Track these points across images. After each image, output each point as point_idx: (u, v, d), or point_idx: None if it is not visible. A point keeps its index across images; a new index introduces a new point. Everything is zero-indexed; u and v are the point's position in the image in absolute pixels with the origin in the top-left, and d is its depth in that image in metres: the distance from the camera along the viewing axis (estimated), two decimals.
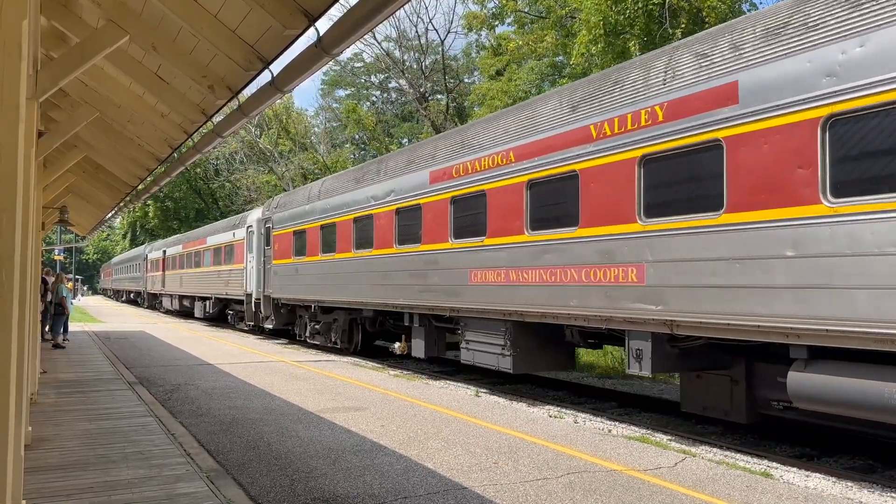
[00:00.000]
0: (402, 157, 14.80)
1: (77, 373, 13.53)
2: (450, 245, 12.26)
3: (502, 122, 11.44)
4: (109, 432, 8.12)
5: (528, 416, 9.65)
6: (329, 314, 18.11)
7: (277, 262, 20.77)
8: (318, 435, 8.35)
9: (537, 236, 10.12)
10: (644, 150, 8.35)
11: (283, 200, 21.92)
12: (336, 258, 16.84)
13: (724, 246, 7.38)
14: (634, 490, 6.24)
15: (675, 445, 8.19)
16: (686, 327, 7.88)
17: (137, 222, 68.93)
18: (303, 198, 19.90)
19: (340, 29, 4.32)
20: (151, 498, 5.66)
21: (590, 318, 9.17)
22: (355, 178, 16.65)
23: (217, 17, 5.25)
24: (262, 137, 47.82)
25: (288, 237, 20.20)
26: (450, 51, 45.24)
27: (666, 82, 8.24)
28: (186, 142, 8.90)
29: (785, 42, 6.97)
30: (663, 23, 18.73)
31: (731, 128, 7.36)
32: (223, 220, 32.30)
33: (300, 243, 19.28)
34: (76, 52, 5.86)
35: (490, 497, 6.00)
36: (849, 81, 6.35)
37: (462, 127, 14.12)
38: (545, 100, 10.78)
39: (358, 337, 17.10)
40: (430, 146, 13.80)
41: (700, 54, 7.93)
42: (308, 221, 18.83)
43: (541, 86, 28.33)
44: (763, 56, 7.15)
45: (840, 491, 6.50)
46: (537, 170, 10.13)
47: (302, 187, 23.36)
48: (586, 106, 9.43)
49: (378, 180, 15.12)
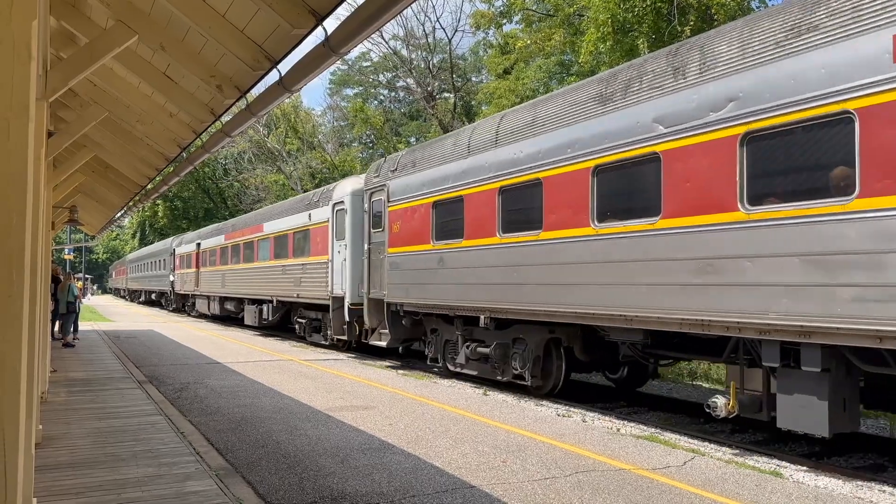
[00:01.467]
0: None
1: (87, 371, 13.60)
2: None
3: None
4: (119, 431, 8.16)
5: (537, 415, 9.64)
6: (504, 330, 11.72)
7: (398, 249, 14.21)
8: (326, 433, 8.37)
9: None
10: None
11: (408, 158, 14.50)
12: (542, 240, 10.26)
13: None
14: (643, 489, 6.23)
15: (683, 444, 8.17)
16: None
17: (146, 222, 69.22)
18: (455, 149, 12.85)
19: (348, 28, 4.32)
20: (161, 496, 5.68)
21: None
22: (597, 96, 9.55)
23: (225, 17, 5.27)
24: (270, 137, 47.92)
25: (421, 212, 13.51)
26: (457, 49, 45.18)
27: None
28: (195, 141, 8.93)
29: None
30: (672, 20, 18.66)
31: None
32: (289, 200, 24.92)
33: (449, 219, 12.67)
34: (85, 53, 5.89)
35: (498, 496, 6.00)
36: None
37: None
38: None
39: (559, 369, 11.05)
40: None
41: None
42: (470, 184, 12.02)
43: (548, 84, 28.29)
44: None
45: (850, 490, 6.47)
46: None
47: (444, 136, 15.20)
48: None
49: (681, 84, 8.26)
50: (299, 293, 19.80)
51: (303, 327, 20.83)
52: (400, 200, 14.28)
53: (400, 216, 14.24)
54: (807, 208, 6.81)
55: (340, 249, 17.13)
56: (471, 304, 11.93)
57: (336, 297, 17.15)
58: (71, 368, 13.96)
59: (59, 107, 9.57)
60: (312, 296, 18.87)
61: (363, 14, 4.08)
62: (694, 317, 7.90)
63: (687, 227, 8.00)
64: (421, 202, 13.57)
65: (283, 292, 21.32)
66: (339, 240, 17.29)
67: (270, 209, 25.65)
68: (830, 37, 6.72)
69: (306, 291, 19.31)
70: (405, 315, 14.26)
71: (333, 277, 17.37)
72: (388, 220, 14.65)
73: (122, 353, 17.41)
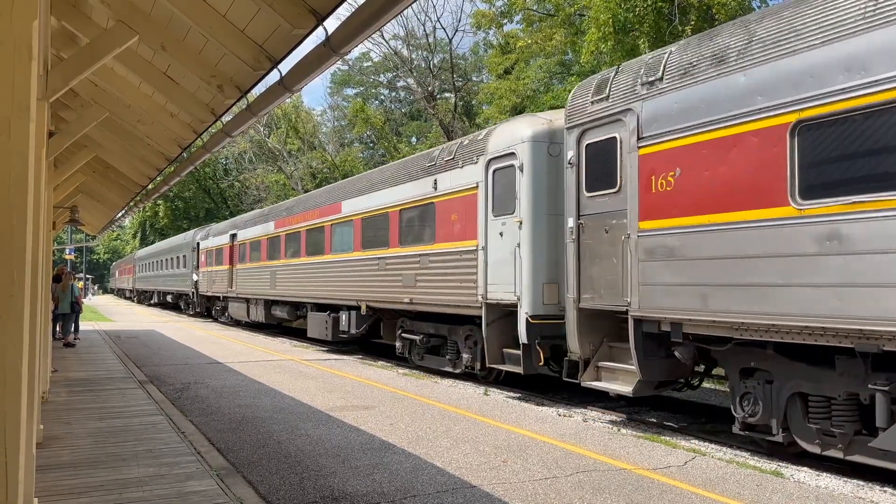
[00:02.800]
0: None
1: (88, 371, 13.60)
2: None
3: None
4: (120, 431, 8.17)
5: (537, 415, 9.63)
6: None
7: (671, 223, 8.13)
8: (327, 433, 8.37)
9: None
10: None
11: (694, 53, 8.21)
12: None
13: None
14: (644, 489, 6.22)
15: (684, 444, 8.17)
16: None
17: (147, 222, 69.29)
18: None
19: (348, 28, 4.32)
20: (162, 496, 5.68)
21: None
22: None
23: (226, 17, 5.27)
24: (270, 137, 47.97)
25: (750, 147, 7.28)
26: (458, 49, 45.27)
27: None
28: (196, 141, 8.94)
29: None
30: (673, 20, 18.67)
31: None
32: (387, 166, 17.82)
33: (850, 153, 6.44)
34: (86, 53, 5.89)
35: (499, 495, 6.00)
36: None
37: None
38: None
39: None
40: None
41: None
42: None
43: (549, 84, 28.31)
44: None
45: (851, 490, 6.46)
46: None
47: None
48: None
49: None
50: (413, 297, 13.66)
51: (409, 346, 14.82)
52: (674, 133, 8.07)
53: (676, 161, 8.06)
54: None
55: (506, 230, 11.08)
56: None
57: (495, 304, 11.28)
58: (72, 368, 13.96)
59: (59, 107, 9.57)
60: (439, 300, 12.81)
61: (364, 14, 4.08)
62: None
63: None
64: (750, 126, 7.26)
65: (379, 295, 15.11)
66: (503, 214, 11.20)
67: (355, 181, 18.64)
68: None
69: (427, 294, 13.26)
70: (678, 342, 8.16)
71: (489, 273, 11.42)
72: (635, 173, 8.58)
73: (123, 353, 17.42)
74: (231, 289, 27.14)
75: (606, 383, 9.22)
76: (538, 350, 10.45)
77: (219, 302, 30.37)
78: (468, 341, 12.57)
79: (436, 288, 12.95)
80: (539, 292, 10.57)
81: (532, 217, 10.74)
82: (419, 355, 14.39)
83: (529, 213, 10.75)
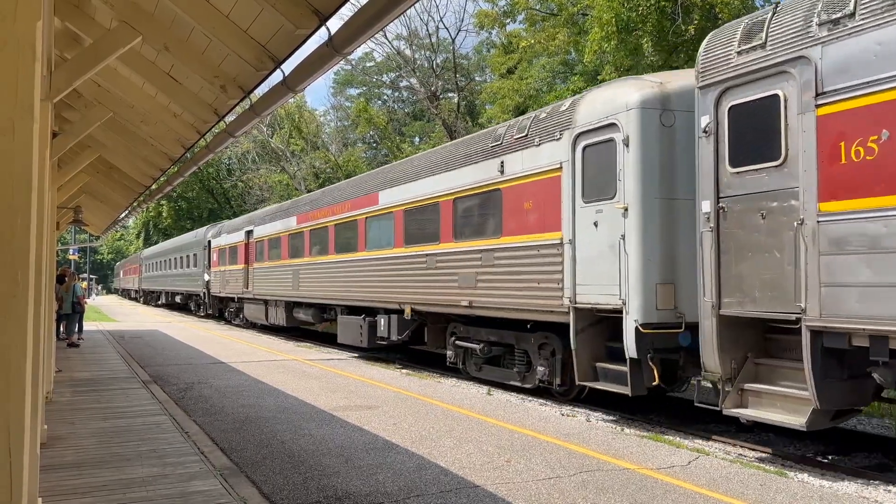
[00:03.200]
0: None
1: (92, 371, 13.63)
2: None
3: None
4: (124, 431, 8.18)
5: (540, 415, 9.63)
6: None
7: (858, 205, 6.41)
8: (330, 433, 8.37)
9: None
10: None
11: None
12: None
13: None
14: (647, 489, 6.22)
15: (688, 444, 8.16)
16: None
17: (151, 222, 69.42)
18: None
19: (351, 28, 4.32)
20: (166, 496, 5.69)
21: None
22: None
23: (229, 17, 5.28)
24: (274, 137, 48.02)
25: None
26: (461, 49, 45.28)
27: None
28: (199, 142, 8.95)
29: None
30: (676, 19, 18.65)
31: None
32: (439, 149, 15.46)
33: None
34: (89, 53, 5.90)
35: (502, 495, 6.00)
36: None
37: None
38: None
39: None
40: None
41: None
42: None
43: (552, 83, 28.30)
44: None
45: (855, 490, 6.45)
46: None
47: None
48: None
49: None
50: (473, 299, 11.76)
51: (465, 355, 12.87)
52: (876, 85, 6.32)
53: (880, 122, 6.29)
54: None
55: (602, 218, 9.25)
56: None
57: (587, 309, 9.48)
58: (76, 368, 13.99)
59: (63, 107, 9.59)
60: (508, 304, 10.94)
61: (366, 14, 4.08)
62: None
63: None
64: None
65: (428, 297, 13.25)
66: (597, 200, 9.35)
67: (394, 168, 16.34)
68: None
69: (491, 296, 11.33)
70: (882, 361, 6.46)
71: (578, 272, 9.58)
72: (812, 140, 6.80)
73: (126, 353, 17.45)
74: (247, 289, 25.38)
75: (760, 411, 7.34)
76: (650, 366, 8.55)
77: (233, 303, 28.59)
78: (542, 351, 10.76)
79: (504, 289, 11.05)
80: (651, 295, 8.64)
81: (642, 202, 8.75)
82: (476, 366, 12.51)
83: (638, 198, 8.75)
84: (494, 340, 11.96)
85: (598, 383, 9.45)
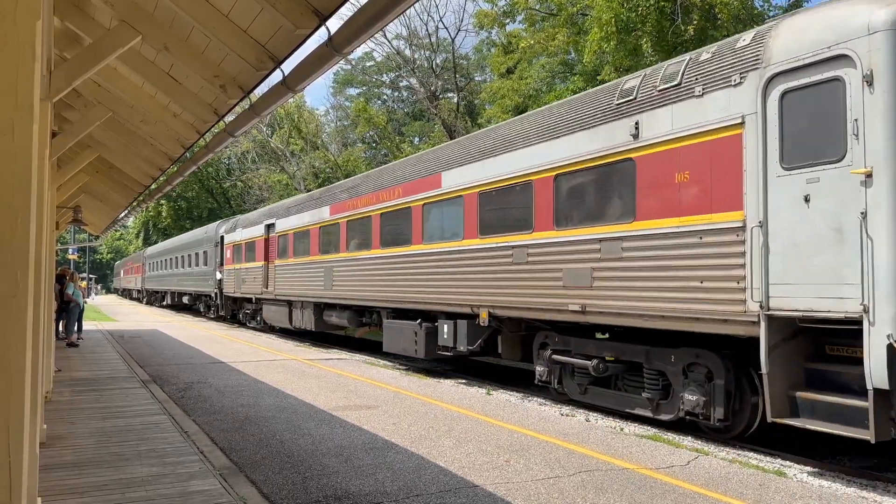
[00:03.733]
0: None
1: (91, 371, 13.63)
2: None
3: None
4: (123, 430, 8.18)
5: (540, 415, 9.63)
6: None
7: None
8: (329, 433, 8.37)
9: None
10: None
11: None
12: None
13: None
14: (647, 488, 6.22)
15: (687, 444, 8.16)
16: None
17: (150, 221, 69.47)
18: None
19: (351, 28, 4.33)
20: (165, 495, 5.69)
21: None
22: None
23: (228, 17, 5.28)
24: (273, 137, 48.04)
25: None
26: (460, 49, 45.32)
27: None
28: (199, 141, 8.95)
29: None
30: (675, 20, 18.66)
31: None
32: (548, 107, 11.92)
33: None
34: (89, 53, 5.90)
35: (502, 495, 6.00)
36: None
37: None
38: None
39: None
40: None
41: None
42: None
43: (552, 83, 28.32)
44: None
45: (854, 490, 6.45)
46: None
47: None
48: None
49: None
50: (588, 302, 9.33)
51: (562, 373, 10.52)
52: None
53: None
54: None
55: (817, 191, 6.74)
56: None
57: (788, 318, 6.99)
58: (75, 368, 13.99)
59: (62, 107, 9.59)
60: (648, 308, 8.47)
61: (366, 14, 4.08)
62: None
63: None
64: None
65: (517, 299, 10.78)
66: (809, 165, 6.82)
67: (463, 142, 13.65)
68: None
69: (618, 298, 8.93)
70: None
71: (774, 265, 7.09)
72: None
73: (126, 352, 17.45)
74: (267, 289, 22.80)
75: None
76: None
77: (249, 305, 25.96)
78: (693, 373, 8.42)
79: (638, 289, 8.61)
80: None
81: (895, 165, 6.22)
82: (581, 387, 10.08)
83: (891, 158, 6.22)
84: (616, 358, 9.45)
85: (801, 420, 6.86)
